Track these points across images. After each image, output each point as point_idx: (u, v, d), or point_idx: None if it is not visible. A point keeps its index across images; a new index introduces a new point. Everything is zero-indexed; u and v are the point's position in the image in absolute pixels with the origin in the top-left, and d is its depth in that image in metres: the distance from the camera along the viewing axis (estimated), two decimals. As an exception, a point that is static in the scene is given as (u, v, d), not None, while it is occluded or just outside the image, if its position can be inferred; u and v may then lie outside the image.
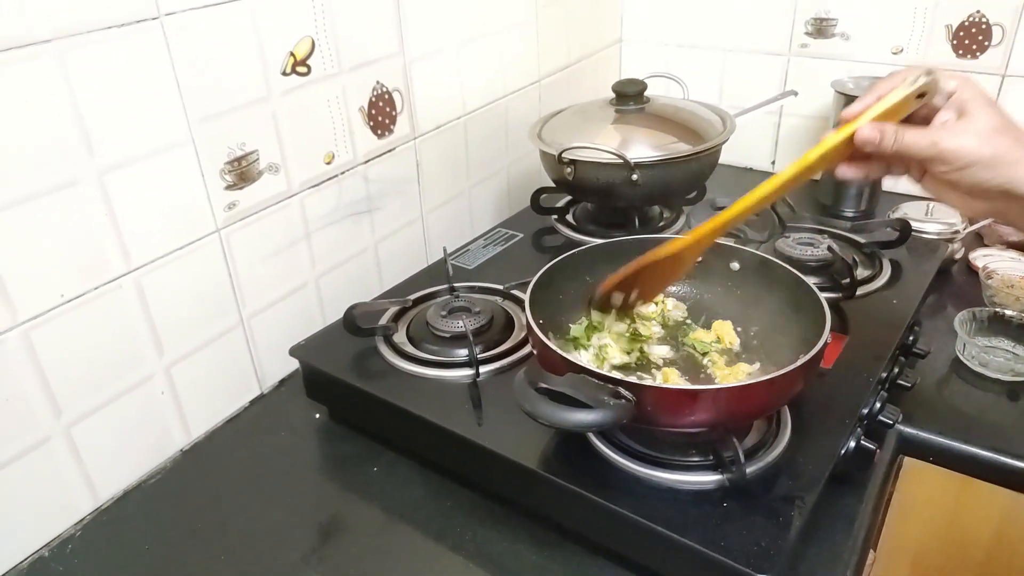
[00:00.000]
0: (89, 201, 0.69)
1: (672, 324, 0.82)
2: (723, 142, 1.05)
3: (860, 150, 0.60)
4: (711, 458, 0.67)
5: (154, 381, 0.80)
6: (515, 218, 1.19)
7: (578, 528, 0.69)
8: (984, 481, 0.81)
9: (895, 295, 0.92)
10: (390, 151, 1.02)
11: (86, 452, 0.75)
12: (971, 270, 1.09)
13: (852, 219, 1.22)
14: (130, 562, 0.71)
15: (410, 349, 0.85)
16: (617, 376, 0.62)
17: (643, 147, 1.01)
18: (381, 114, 0.98)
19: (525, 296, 0.74)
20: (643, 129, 1.06)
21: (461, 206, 1.19)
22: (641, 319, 0.81)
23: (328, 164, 0.93)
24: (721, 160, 1.10)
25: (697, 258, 0.75)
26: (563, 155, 1.01)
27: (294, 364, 0.88)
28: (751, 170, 1.47)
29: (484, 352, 0.82)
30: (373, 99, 0.97)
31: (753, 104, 1.17)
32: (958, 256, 1.11)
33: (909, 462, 0.84)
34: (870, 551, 0.73)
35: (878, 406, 0.77)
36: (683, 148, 1.01)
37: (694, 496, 0.65)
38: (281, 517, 0.75)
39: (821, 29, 1.31)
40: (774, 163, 1.45)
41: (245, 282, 0.87)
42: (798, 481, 0.65)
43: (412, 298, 0.93)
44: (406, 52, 0.99)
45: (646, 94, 1.09)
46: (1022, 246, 1.12)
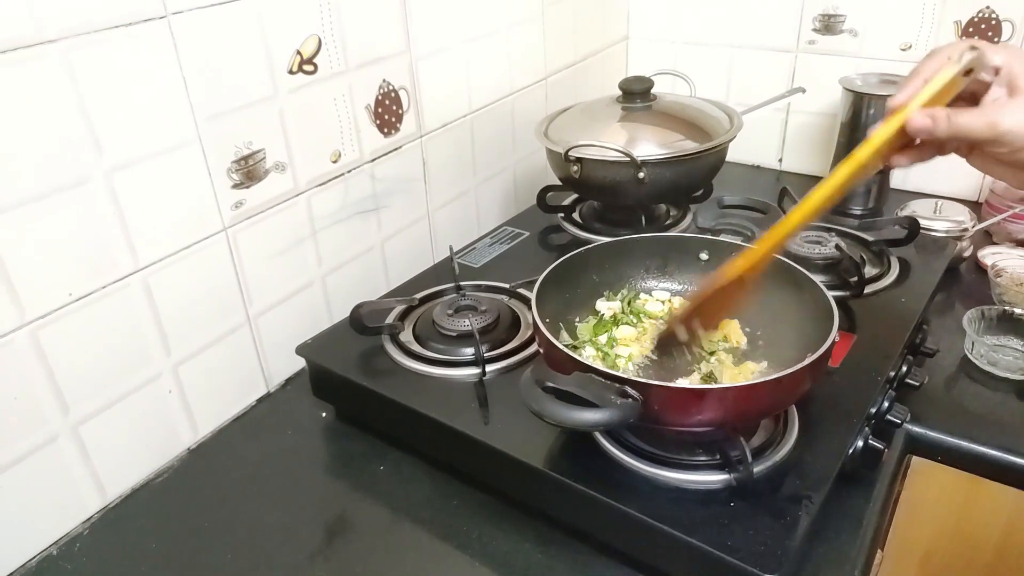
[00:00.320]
0: (97, 200, 0.69)
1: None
2: (730, 140, 1.04)
3: (911, 137, 0.57)
4: (718, 457, 0.66)
5: (161, 380, 0.80)
6: (521, 216, 1.19)
7: (584, 527, 0.69)
8: (993, 480, 0.80)
9: (903, 293, 0.92)
10: (396, 149, 1.02)
11: (94, 451, 0.75)
12: (980, 268, 1.08)
13: (860, 217, 1.22)
14: (138, 560, 0.72)
15: (416, 348, 0.85)
16: (624, 375, 0.61)
17: (650, 145, 1.01)
18: (388, 112, 0.98)
19: (532, 295, 0.73)
20: (650, 127, 1.06)
21: (467, 204, 1.19)
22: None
23: (335, 163, 0.93)
24: (728, 158, 1.09)
25: (757, 276, 0.68)
26: (569, 153, 1.01)
27: (301, 363, 0.88)
28: (758, 168, 1.47)
29: (490, 351, 0.82)
30: (379, 97, 0.97)
31: (760, 101, 1.17)
32: (967, 254, 1.11)
33: (917, 461, 0.84)
34: (878, 551, 0.73)
35: (886, 405, 0.76)
36: (690, 146, 1.01)
37: (701, 496, 0.64)
38: (288, 515, 0.75)
39: (829, 25, 1.30)
40: (781, 160, 1.45)
41: (252, 281, 0.87)
42: (805, 481, 0.65)
43: (418, 297, 0.93)
44: (412, 50, 0.99)
45: (653, 91, 1.09)
46: (1032, 244, 1.12)
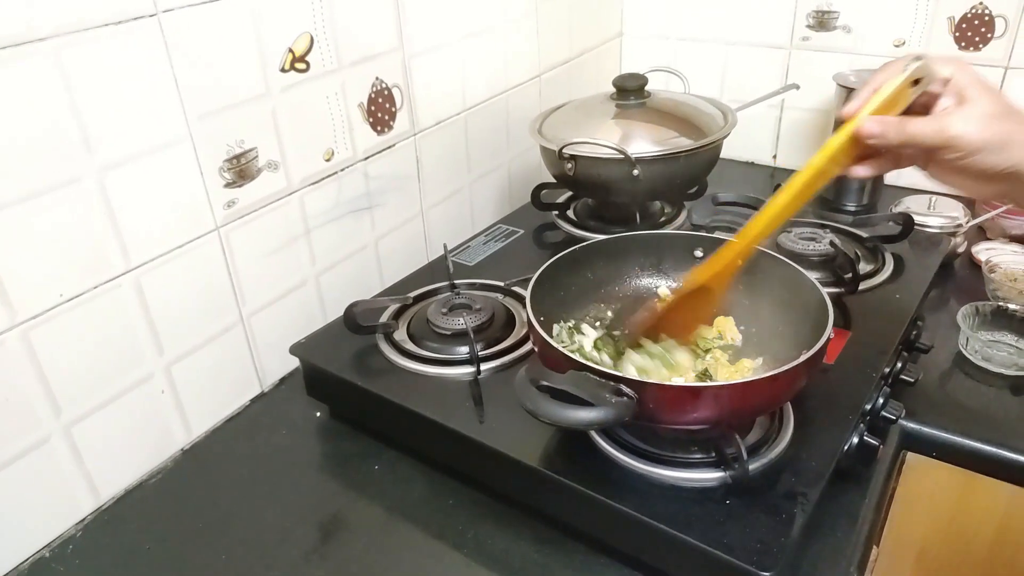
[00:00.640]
0: (88, 199, 0.69)
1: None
2: (724, 137, 1.04)
3: (867, 147, 0.59)
4: (713, 455, 0.66)
5: (154, 380, 0.79)
6: (516, 214, 1.18)
7: (580, 526, 0.69)
8: (987, 476, 0.80)
9: (898, 289, 0.92)
10: (390, 147, 1.01)
11: (87, 452, 0.75)
12: (974, 264, 1.09)
13: (854, 213, 1.22)
14: (132, 562, 0.71)
15: (411, 347, 0.84)
16: (619, 373, 0.61)
17: (644, 142, 1.01)
18: (381, 110, 0.98)
19: (526, 293, 0.73)
20: (644, 124, 1.06)
21: (461, 202, 1.19)
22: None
23: (328, 161, 0.93)
24: (722, 154, 1.09)
25: (724, 289, 0.71)
26: (564, 151, 1.01)
27: (295, 362, 0.88)
28: (753, 164, 1.47)
29: (485, 349, 0.82)
30: (372, 95, 0.96)
31: (754, 98, 1.17)
32: (961, 250, 1.11)
33: (912, 457, 0.84)
34: (873, 547, 0.73)
35: (881, 402, 0.77)
36: (684, 143, 1.01)
37: (696, 493, 0.64)
38: (282, 515, 0.75)
39: (823, 22, 1.30)
40: (775, 157, 1.45)
41: (245, 280, 0.86)
42: (801, 478, 0.65)
43: (412, 295, 0.93)
44: (405, 48, 0.99)
45: (647, 88, 1.08)
46: (1025, 240, 1.12)
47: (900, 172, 1.31)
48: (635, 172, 0.99)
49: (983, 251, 1.09)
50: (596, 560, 0.68)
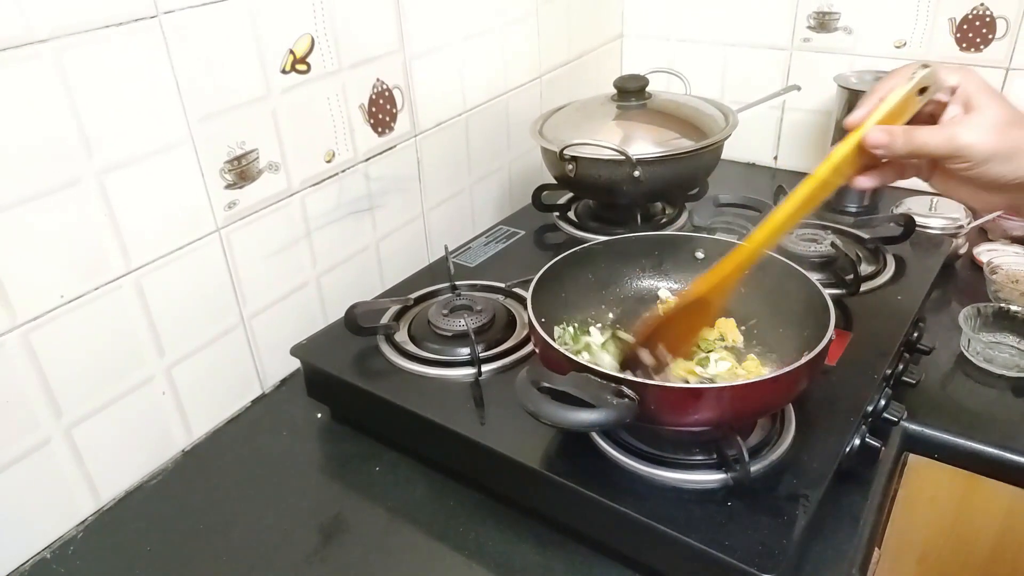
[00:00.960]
0: (88, 201, 0.69)
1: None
2: (725, 138, 1.04)
3: (872, 157, 0.58)
4: (715, 457, 0.66)
5: (155, 382, 0.79)
6: (517, 215, 1.18)
7: (581, 528, 0.69)
8: (989, 478, 0.80)
9: (899, 291, 0.92)
10: (391, 149, 1.01)
11: (87, 453, 0.75)
12: (975, 265, 1.08)
13: (855, 214, 1.21)
14: (132, 563, 0.71)
15: (412, 348, 0.84)
16: (620, 375, 0.61)
17: (645, 143, 1.01)
18: (382, 111, 0.98)
19: (527, 294, 0.73)
20: (645, 125, 1.05)
21: (462, 204, 1.19)
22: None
23: (328, 162, 0.92)
24: (723, 156, 1.09)
25: (723, 301, 0.70)
26: (564, 152, 1.01)
27: (295, 364, 0.88)
28: (754, 165, 1.46)
29: (486, 351, 0.82)
30: (373, 96, 0.96)
31: (755, 99, 1.17)
32: (962, 251, 1.11)
33: (914, 459, 0.84)
34: (875, 549, 0.73)
35: (883, 403, 0.76)
36: (685, 144, 1.01)
37: (698, 495, 0.64)
38: (283, 517, 0.75)
39: (823, 23, 1.30)
40: (776, 158, 1.44)
41: (246, 281, 0.86)
42: (802, 479, 0.65)
43: (413, 296, 0.93)
44: (406, 49, 0.99)
45: (647, 90, 1.08)
46: (1027, 241, 1.12)
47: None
48: (636, 173, 0.99)
49: (985, 252, 1.09)
50: (597, 562, 0.68)
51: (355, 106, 0.94)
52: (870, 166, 0.60)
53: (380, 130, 0.99)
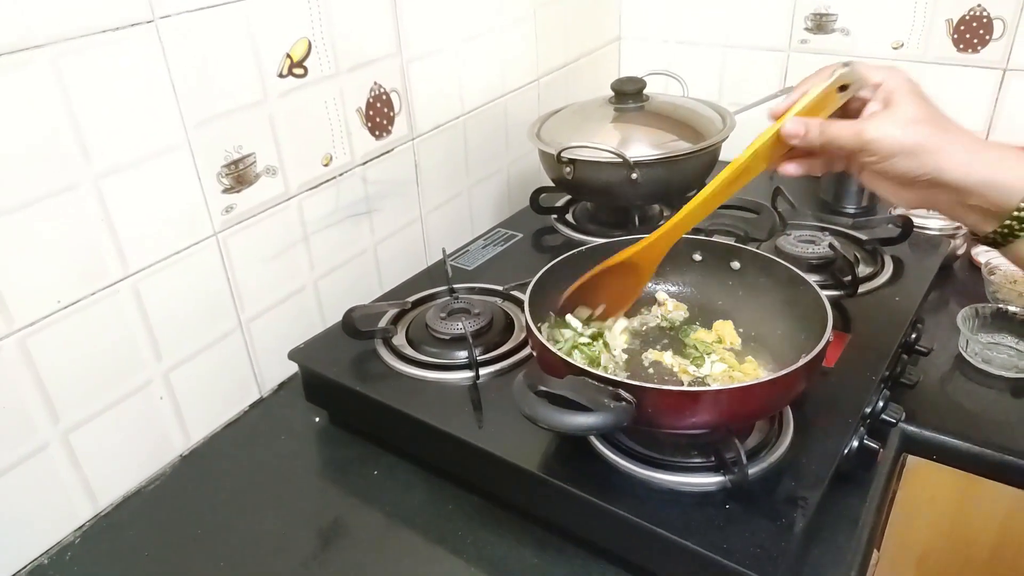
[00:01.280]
0: (85, 206, 0.69)
1: (674, 325, 0.82)
2: (723, 140, 1.04)
3: (794, 147, 0.61)
4: (713, 459, 0.66)
5: (152, 386, 0.79)
6: (515, 218, 1.18)
7: (580, 531, 0.69)
8: (988, 479, 0.80)
9: (897, 292, 0.92)
10: (388, 152, 1.01)
11: (85, 458, 0.74)
12: (973, 266, 1.09)
13: (853, 216, 1.21)
14: (130, 569, 0.71)
15: (410, 352, 0.84)
16: (618, 378, 0.61)
17: (642, 145, 1.01)
18: (379, 115, 0.98)
19: (525, 297, 0.73)
20: (642, 127, 1.06)
21: (460, 207, 1.19)
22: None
23: (326, 166, 0.92)
24: (721, 157, 1.09)
25: (653, 267, 0.75)
26: (562, 154, 1.01)
27: (293, 368, 0.88)
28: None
29: (484, 354, 0.82)
30: (371, 100, 0.96)
31: (753, 101, 1.17)
32: (960, 252, 1.11)
33: (912, 461, 0.84)
34: (874, 551, 0.73)
35: (881, 405, 0.76)
36: (683, 146, 1.01)
37: (696, 498, 0.64)
38: (282, 522, 0.75)
39: (821, 24, 1.30)
40: (774, 160, 1.44)
41: (243, 286, 0.86)
42: (801, 482, 0.65)
43: (411, 300, 0.93)
44: (403, 52, 0.99)
45: (645, 92, 1.08)
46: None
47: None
48: (634, 175, 0.99)
49: (983, 253, 1.09)
50: (595, 565, 0.68)
51: (352, 110, 0.94)
52: (799, 155, 0.63)
53: (377, 133, 0.99)
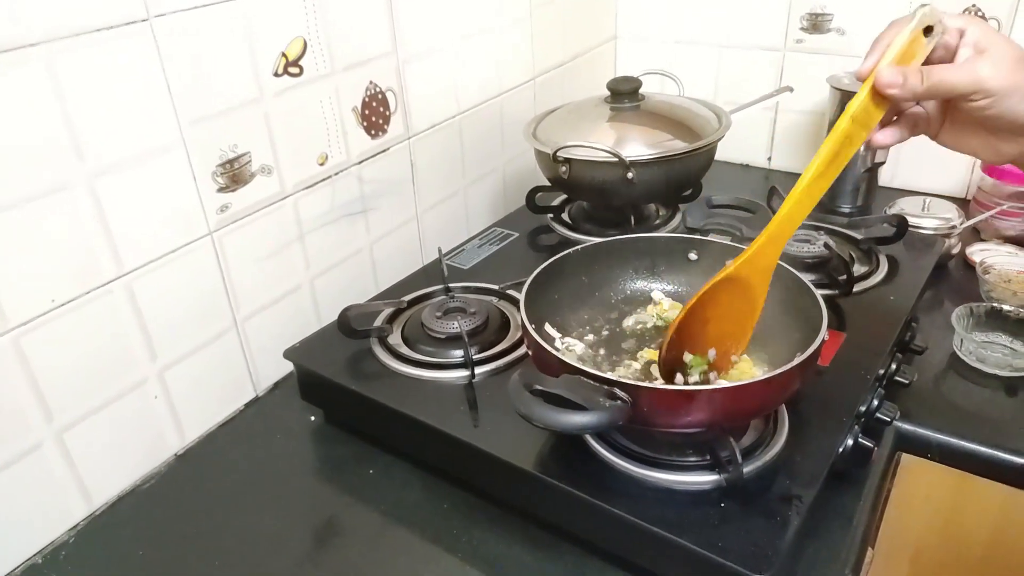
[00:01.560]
0: (80, 205, 0.69)
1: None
2: (719, 139, 1.04)
3: (889, 109, 0.58)
4: (708, 458, 0.66)
5: (147, 385, 0.79)
6: (511, 217, 1.18)
7: (575, 529, 0.69)
8: (982, 477, 0.80)
9: (892, 291, 0.92)
10: (384, 151, 1.01)
11: (79, 457, 0.74)
12: (968, 265, 1.09)
13: (849, 215, 1.22)
14: (125, 568, 0.71)
15: (405, 351, 0.84)
16: (612, 377, 0.61)
17: (638, 145, 1.01)
18: (375, 114, 0.98)
19: (520, 296, 0.73)
20: (638, 127, 1.06)
21: (456, 206, 1.19)
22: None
23: (321, 165, 0.92)
24: (717, 157, 1.09)
25: (767, 280, 0.66)
26: (558, 154, 1.01)
27: (289, 367, 0.88)
28: (747, 167, 1.47)
29: (480, 353, 0.82)
30: (366, 99, 0.96)
31: (749, 100, 1.17)
32: (955, 251, 1.11)
33: (907, 459, 0.84)
34: (868, 549, 0.73)
35: (876, 403, 0.77)
36: (679, 145, 1.01)
37: (691, 496, 0.64)
38: (277, 521, 0.74)
39: (816, 24, 1.31)
40: (770, 159, 1.45)
41: (238, 285, 0.86)
42: (796, 480, 0.65)
43: (407, 299, 0.93)
44: (399, 52, 0.99)
45: (641, 91, 1.09)
46: (1019, 240, 1.12)
47: (895, 173, 1.32)
48: (629, 175, 0.99)
49: (977, 252, 1.09)
50: (590, 563, 0.68)
51: (348, 109, 0.94)
52: (887, 122, 0.61)
53: (373, 132, 0.99)
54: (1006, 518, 0.85)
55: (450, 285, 0.94)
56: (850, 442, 0.71)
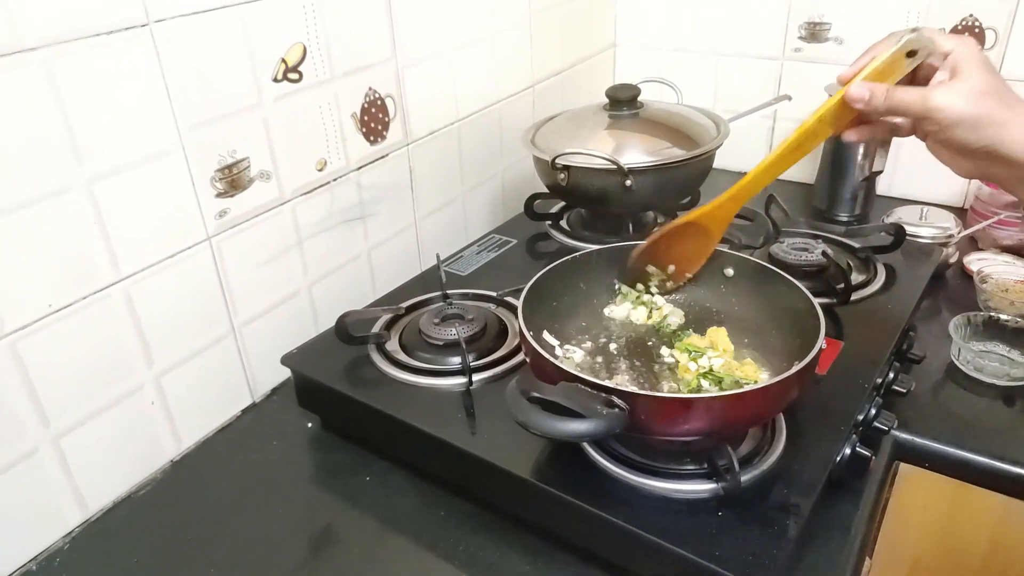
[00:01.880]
0: (78, 210, 0.69)
1: (668, 330, 0.82)
2: (717, 147, 1.04)
3: (859, 113, 0.62)
4: (705, 466, 0.66)
5: (144, 391, 0.79)
6: (509, 224, 1.18)
7: (572, 537, 0.68)
8: (980, 487, 0.80)
9: (890, 300, 0.92)
10: (383, 157, 1.01)
11: (75, 463, 0.74)
12: (965, 274, 1.09)
13: (846, 224, 1.22)
14: (120, 575, 0.71)
15: (403, 357, 0.84)
16: (610, 384, 0.61)
17: (637, 152, 1.01)
18: (374, 120, 0.98)
19: (518, 303, 0.73)
20: (637, 134, 1.06)
21: (455, 212, 1.19)
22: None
23: (320, 171, 0.92)
24: (715, 165, 1.09)
25: (722, 229, 0.79)
26: (557, 161, 1.01)
27: (286, 373, 0.88)
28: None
29: (477, 360, 0.82)
30: (365, 105, 0.96)
31: (747, 109, 1.17)
32: (952, 260, 1.11)
33: (905, 468, 0.84)
34: (866, 559, 0.72)
35: (873, 412, 0.76)
36: (677, 153, 1.01)
37: (688, 505, 0.64)
38: (273, 527, 0.74)
39: (815, 33, 1.31)
40: (768, 167, 1.45)
41: (236, 290, 0.86)
42: (793, 489, 0.65)
43: (405, 305, 0.93)
44: (399, 58, 0.99)
45: (640, 99, 1.09)
46: (1016, 250, 1.12)
47: (892, 182, 1.32)
48: (628, 182, 0.99)
49: (975, 261, 1.09)
50: (587, 572, 0.67)
51: (347, 115, 0.94)
52: (861, 122, 0.65)
53: (372, 139, 0.99)
54: (1004, 527, 0.85)
55: (448, 292, 0.94)
56: (848, 451, 0.70)
